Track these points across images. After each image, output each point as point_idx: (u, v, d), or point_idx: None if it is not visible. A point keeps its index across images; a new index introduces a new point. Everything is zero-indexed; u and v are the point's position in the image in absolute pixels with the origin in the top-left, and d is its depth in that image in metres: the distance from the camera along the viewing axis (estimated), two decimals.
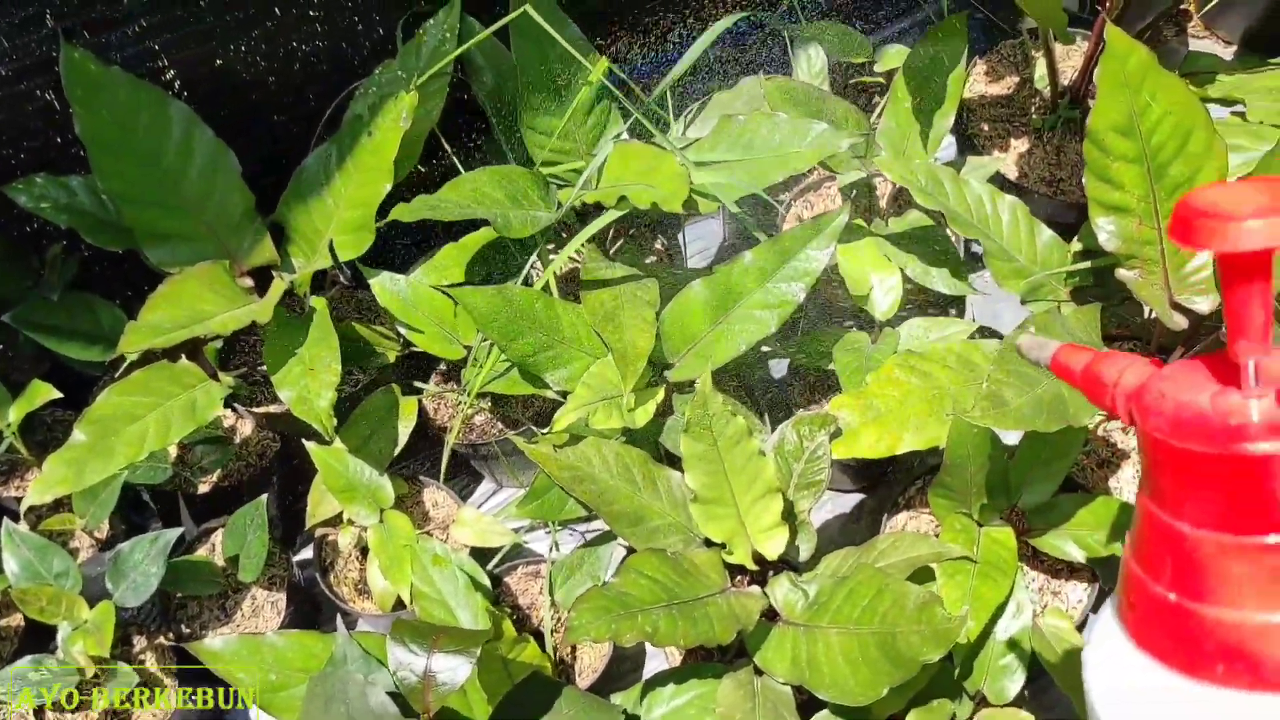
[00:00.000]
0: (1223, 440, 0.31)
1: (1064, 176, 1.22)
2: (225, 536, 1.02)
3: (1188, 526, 0.33)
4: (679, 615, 0.79)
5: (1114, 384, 0.36)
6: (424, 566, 0.92)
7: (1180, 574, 0.33)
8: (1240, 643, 0.32)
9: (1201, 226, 0.30)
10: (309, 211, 1.06)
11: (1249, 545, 0.32)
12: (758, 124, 1.02)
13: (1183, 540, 0.33)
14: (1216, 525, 0.32)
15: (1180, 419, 0.33)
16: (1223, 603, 0.32)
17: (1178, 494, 0.33)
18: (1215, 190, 0.31)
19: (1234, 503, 0.32)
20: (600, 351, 0.99)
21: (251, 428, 1.16)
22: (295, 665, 0.79)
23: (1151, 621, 0.34)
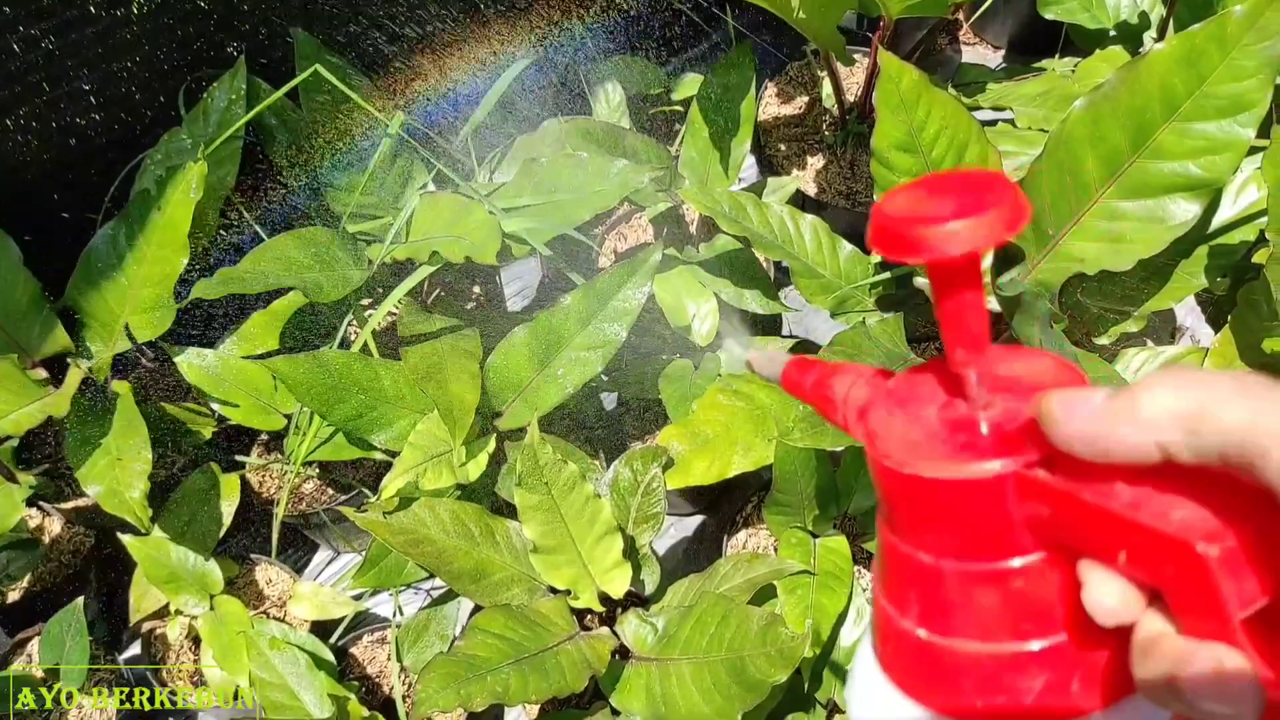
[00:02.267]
0: (951, 461, 0.28)
1: (860, 189, 1.27)
2: (42, 646, 0.96)
3: (927, 556, 0.30)
4: (529, 670, 0.79)
5: (844, 400, 0.33)
6: (261, 651, 0.88)
7: (926, 607, 0.30)
8: (997, 676, 0.29)
9: (902, 236, 0.27)
10: (102, 294, 1.01)
11: (992, 571, 0.29)
12: (560, 166, 1.03)
13: (924, 571, 0.30)
14: (956, 553, 0.29)
15: (908, 440, 0.30)
16: (973, 635, 0.29)
17: (913, 521, 0.30)
18: (906, 194, 0.28)
19: (971, 527, 0.29)
20: (426, 406, 0.98)
21: (61, 525, 1.10)
22: None
23: (904, 658, 0.31)
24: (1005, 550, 0.29)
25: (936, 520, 0.29)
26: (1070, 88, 1.06)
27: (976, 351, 0.30)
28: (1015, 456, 0.28)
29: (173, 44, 1.07)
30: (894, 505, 0.30)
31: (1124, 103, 0.85)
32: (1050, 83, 1.10)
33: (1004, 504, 0.28)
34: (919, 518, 0.30)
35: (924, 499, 0.29)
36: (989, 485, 0.28)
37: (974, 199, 0.27)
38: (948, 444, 0.29)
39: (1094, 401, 0.27)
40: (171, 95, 1.08)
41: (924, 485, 0.29)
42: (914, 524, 0.30)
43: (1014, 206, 0.27)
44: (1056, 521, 0.28)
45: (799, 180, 1.24)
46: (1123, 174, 0.88)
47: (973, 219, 0.26)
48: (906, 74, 0.88)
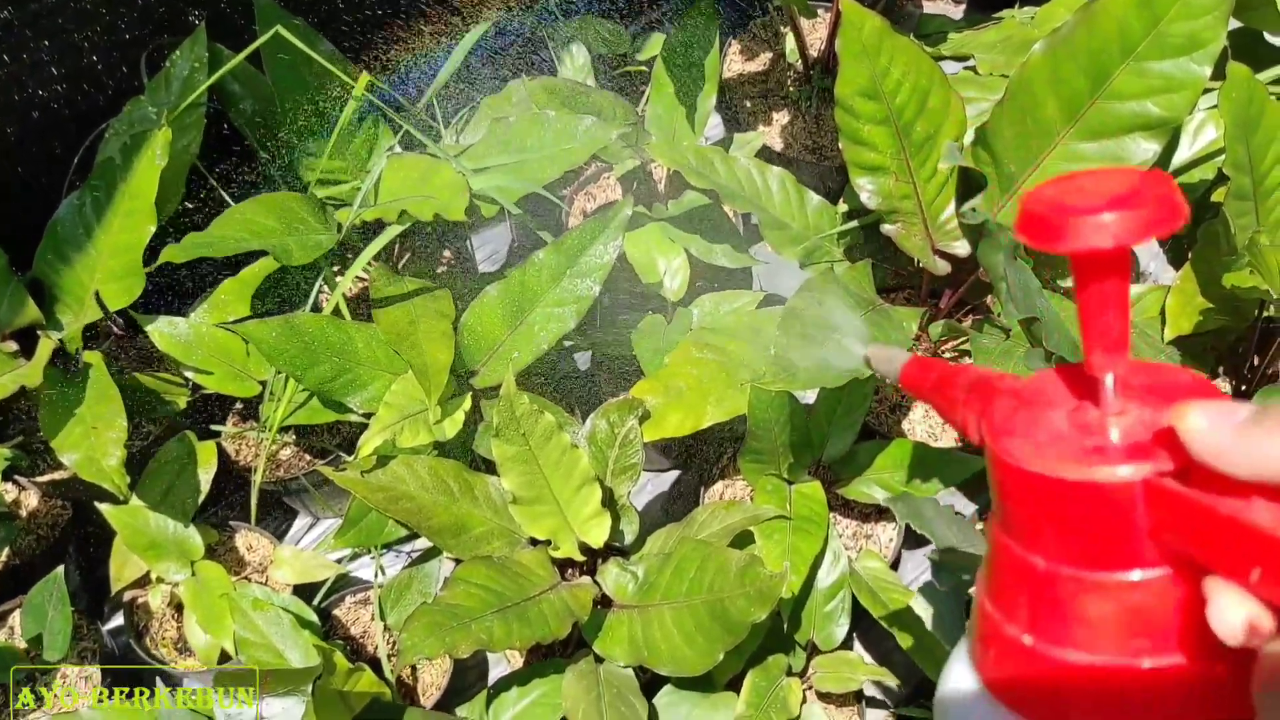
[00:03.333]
0: (1078, 463, 0.28)
1: (825, 143, 1.28)
2: (24, 618, 0.96)
3: (1042, 560, 0.29)
4: (513, 618, 0.80)
5: (964, 399, 0.32)
6: (245, 613, 0.89)
7: (1036, 614, 0.29)
8: (1100, 692, 0.28)
9: (1050, 222, 0.26)
10: (70, 264, 1.00)
11: (1110, 582, 0.28)
12: (528, 125, 1.03)
13: (1038, 576, 0.29)
14: (1074, 560, 0.28)
15: (1034, 439, 0.29)
16: (1081, 646, 0.28)
17: (1032, 524, 0.29)
18: (1063, 183, 0.28)
19: (1093, 534, 0.28)
20: (400, 368, 0.98)
21: (37, 499, 1.09)
22: None
23: (1006, 666, 0.30)
24: (1128, 561, 0.28)
25: (1057, 524, 0.28)
26: (1030, 33, 1.08)
27: (1116, 354, 0.29)
28: (1148, 463, 0.27)
29: (134, 12, 1.06)
30: (1012, 506, 0.30)
31: (1082, 44, 0.86)
32: (1010, 29, 1.11)
33: (1131, 512, 0.27)
34: (1038, 520, 0.29)
35: (1046, 500, 0.28)
36: (1117, 490, 0.27)
37: (1129, 193, 0.27)
38: (1076, 446, 0.28)
39: (1239, 415, 0.26)
40: (134, 65, 1.07)
41: (1048, 485, 0.28)
42: (1032, 526, 0.29)
43: (1170, 204, 0.26)
44: (1186, 535, 0.27)
45: (764, 135, 1.25)
46: (1083, 116, 0.89)
47: (1126, 212, 0.26)
48: (868, 21, 0.89)
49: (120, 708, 0.76)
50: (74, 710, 0.76)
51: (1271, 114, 0.89)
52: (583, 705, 0.83)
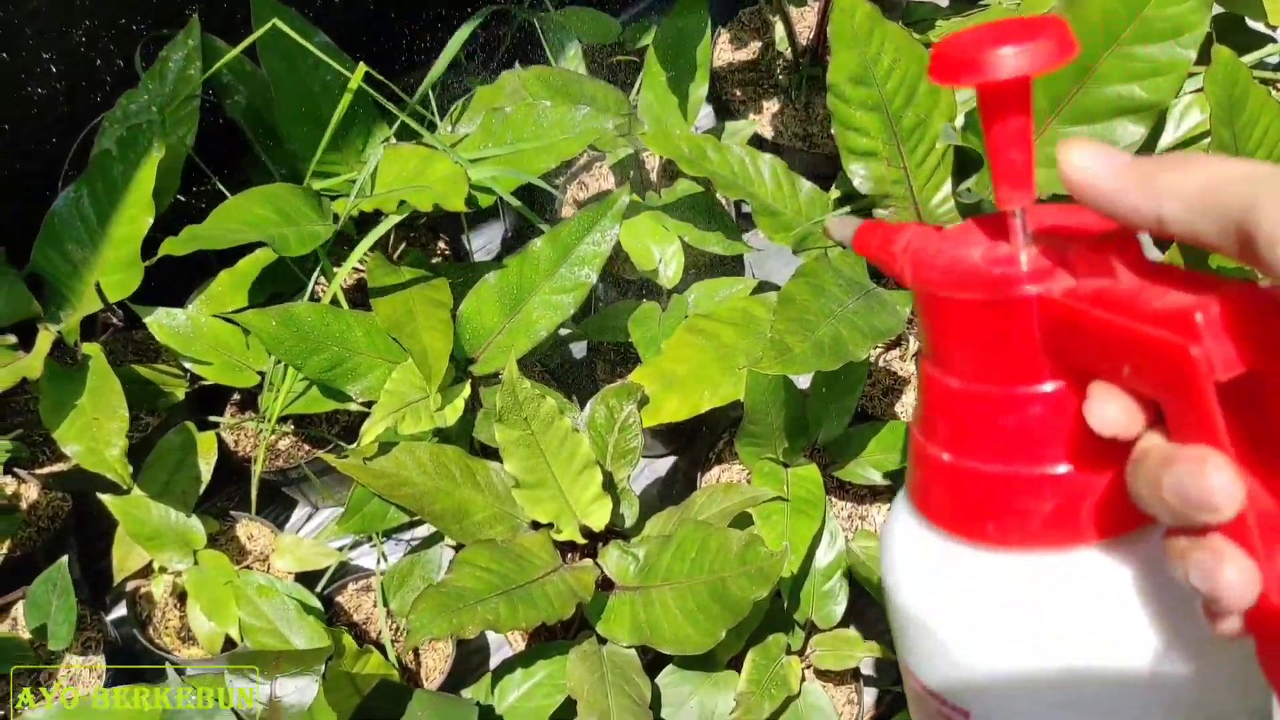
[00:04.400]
0: (982, 287, 0.31)
1: (815, 131, 1.30)
2: (27, 608, 0.96)
3: (958, 381, 0.32)
4: (518, 600, 0.81)
5: (901, 250, 0.35)
6: (250, 600, 0.90)
7: (953, 431, 0.32)
8: (1009, 499, 0.31)
9: (957, 60, 0.29)
10: (68, 257, 1.00)
11: (1014, 395, 0.31)
12: (523, 116, 1.04)
13: (955, 396, 0.32)
14: (983, 377, 0.31)
15: (950, 271, 0.32)
16: (992, 458, 0.31)
17: (950, 349, 0.32)
18: (973, 30, 0.30)
19: (1002, 353, 0.31)
20: (399, 356, 0.99)
21: (38, 491, 1.10)
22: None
23: (929, 486, 0.34)
24: (1028, 375, 0.31)
25: (969, 344, 0.32)
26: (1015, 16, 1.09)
27: (1022, 189, 0.32)
28: (1043, 283, 0.30)
29: (129, 6, 1.06)
30: (932, 334, 0.33)
31: None
32: (996, 15, 1.12)
33: (1029, 328, 0.30)
34: (953, 343, 0.32)
35: (957, 323, 0.32)
36: (1016, 307, 0.30)
37: (1026, 32, 0.29)
38: (985, 273, 0.31)
39: (1116, 158, 0.29)
40: (129, 58, 1.08)
41: (958, 308, 0.31)
42: (948, 350, 0.32)
43: (1062, 38, 0.29)
44: (1074, 343, 0.30)
45: (755, 124, 1.26)
46: (1069, 101, 0.90)
47: (1024, 44, 0.29)
48: (860, 7, 0.90)
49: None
50: (85, 697, 0.77)
51: (1255, 97, 0.90)
52: (587, 685, 0.84)
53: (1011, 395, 0.31)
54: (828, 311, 0.86)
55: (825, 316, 0.86)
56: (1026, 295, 0.30)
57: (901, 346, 1.16)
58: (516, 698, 0.87)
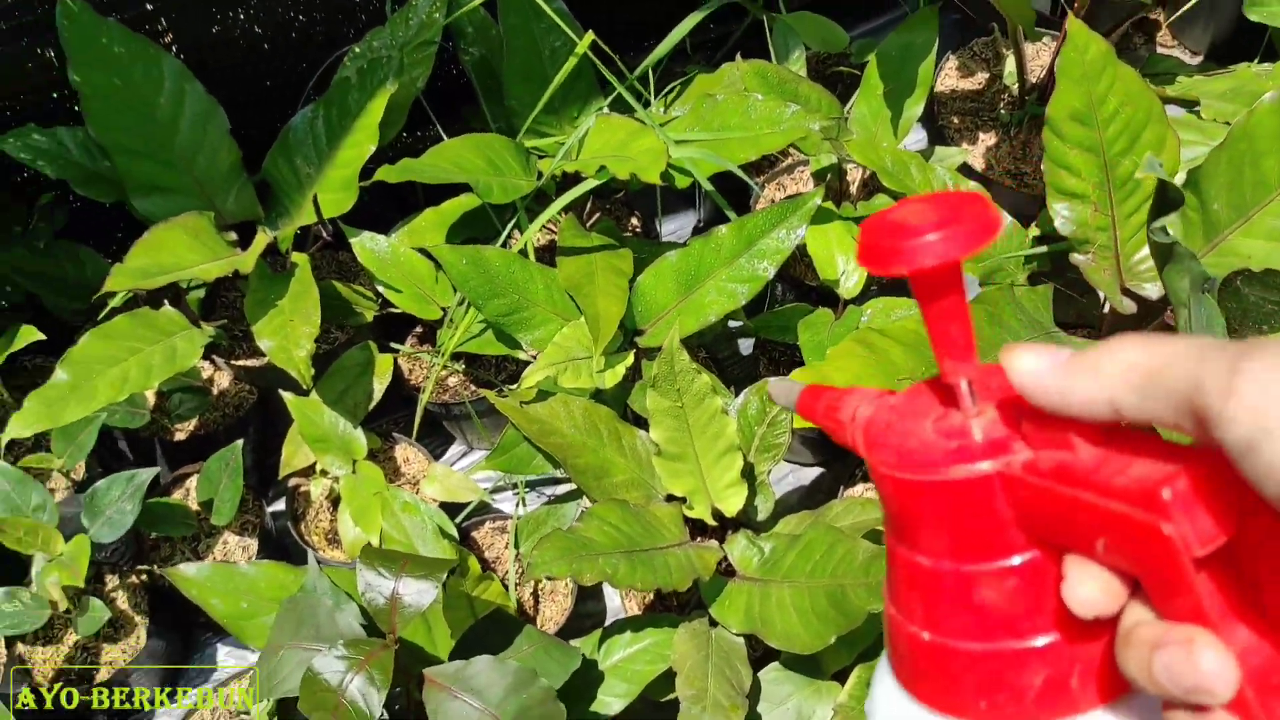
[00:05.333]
0: (938, 466, 0.30)
1: (1028, 171, 1.26)
2: (200, 481, 1.05)
3: (927, 560, 0.31)
4: (638, 561, 0.83)
5: (850, 420, 0.34)
6: (395, 513, 0.95)
7: (930, 610, 0.31)
8: (998, 675, 0.30)
9: (884, 248, 0.29)
10: (294, 169, 1.08)
11: (987, 571, 0.30)
12: (734, 105, 1.06)
13: (925, 574, 0.31)
14: (952, 555, 0.30)
15: (903, 449, 0.31)
16: (972, 635, 0.30)
17: (912, 528, 0.31)
18: (895, 211, 0.30)
19: (967, 530, 0.30)
20: (572, 315, 1.02)
21: (229, 380, 1.19)
22: (266, 595, 0.82)
23: (913, 664, 0.32)
24: (998, 550, 0.30)
25: (933, 523, 0.31)
26: (1263, 84, 1.04)
27: (963, 360, 0.31)
28: (1001, 457, 0.30)
29: None
30: (895, 512, 0.32)
31: None
32: (1243, 79, 1.07)
33: (993, 503, 0.30)
34: (917, 522, 0.31)
35: (920, 503, 0.31)
36: (977, 485, 0.30)
37: (949, 213, 0.29)
38: (940, 449, 0.30)
39: (1060, 355, 0.29)
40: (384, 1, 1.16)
41: (919, 489, 0.30)
42: (913, 529, 0.31)
43: (984, 219, 0.29)
44: (1043, 518, 0.29)
45: (967, 153, 1.24)
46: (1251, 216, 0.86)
47: (946, 230, 0.28)
48: (1094, 43, 0.88)
49: (275, 567, 0.83)
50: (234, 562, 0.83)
51: None
52: (690, 661, 0.85)
53: (984, 572, 0.30)
54: (1001, 344, 0.85)
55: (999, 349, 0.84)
56: (985, 474, 0.30)
57: None
58: (621, 658, 0.88)
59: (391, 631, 0.68)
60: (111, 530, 0.97)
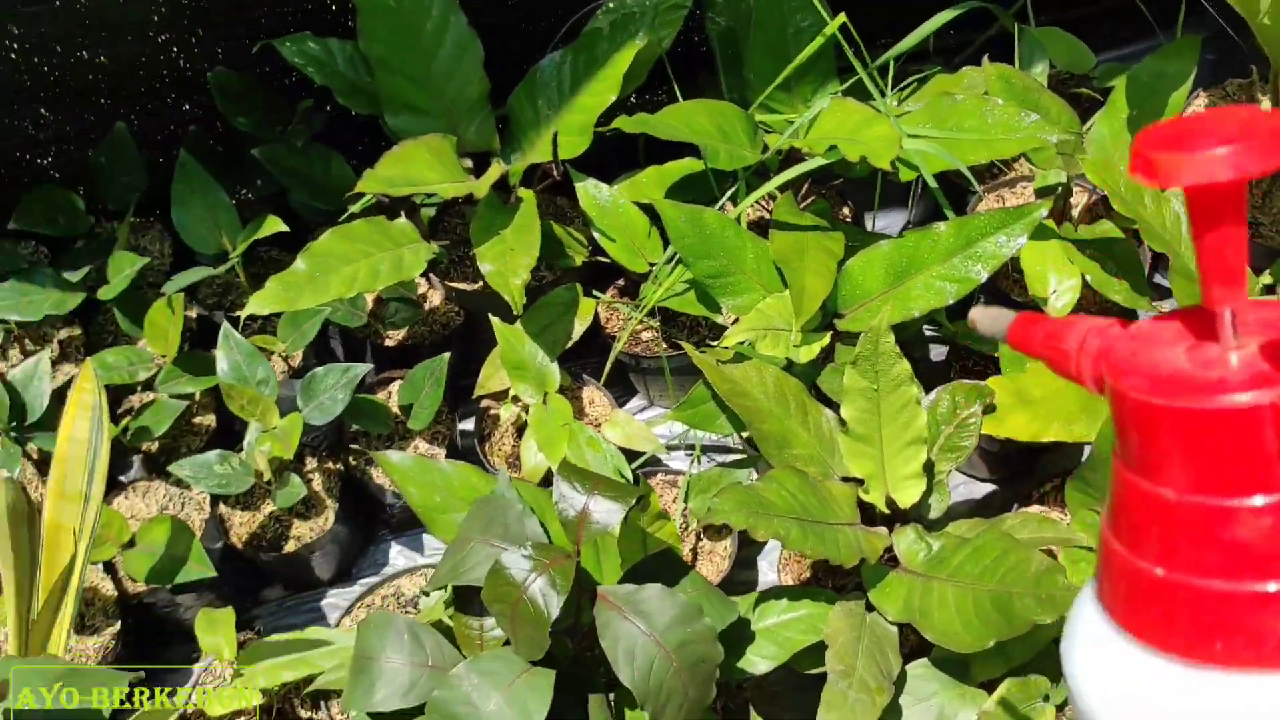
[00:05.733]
0: (1203, 394, 0.28)
1: (1265, 222, 1.21)
2: (403, 386, 1.12)
3: (1172, 493, 0.29)
4: (810, 530, 0.84)
5: (1078, 348, 0.32)
6: (580, 445, 0.99)
7: (1167, 545, 0.30)
8: (1239, 617, 0.29)
9: (1165, 160, 0.27)
10: (535, 109, 1.14)
11: (1239, 508, 0.28)
12: (972, 106, 1.06)
13: (1168, 508, 0.29)
14: (1203, 489, 0.29)
15: (1157, 375, 0.29)
16: (1216, 574, 0.29)
17: (1159, 459, 0.30)
18: (1177, 123, 0.29)
19: (1220, 463, 0.28)
20: (775, 288, 1.04)
21: (441, 299, 1.26)
22: (459, 493, 0.87)
23: (1138, 602, 0.31)
24: (1261, 486, 0.28)
25: (1186, 455, 0.29)
26: None
27: (1234, 287, 0.30)
28: (1271, 389, 0.28)
29: None
30: (1139, 442, 0.30)
31: None
32: None
33: (1260, 437, 0.28)
34: (1166, 453, 0.29)
35: (1174, 433, 0.29)
36: (1244, 417, 0.28)
37: (1240, 129, 0.27)
38: (1199, 377, 0.29)
39: None
40: None
41: (1175, 417, 0.29)
42: (1160, 460, 0.30)
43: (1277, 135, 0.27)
44: None
45: None
46: None
47: (1238, 144, 0.27)
48: None
49: (470, 470, 0.88)
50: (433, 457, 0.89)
51: None
52: (843, 637, 0.86)
53: (1239, 508, 0.29)
54: None
55: None
56: (1255, 405, 0.28)
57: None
58: (774, 623, 0.90)
59: (576, 544, 0.72)
60: (322, 414, 1.04)
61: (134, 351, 1.11)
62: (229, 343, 1.04)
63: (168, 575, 0.97)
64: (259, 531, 1.09)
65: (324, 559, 1.11)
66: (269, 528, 1.09)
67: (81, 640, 1.02)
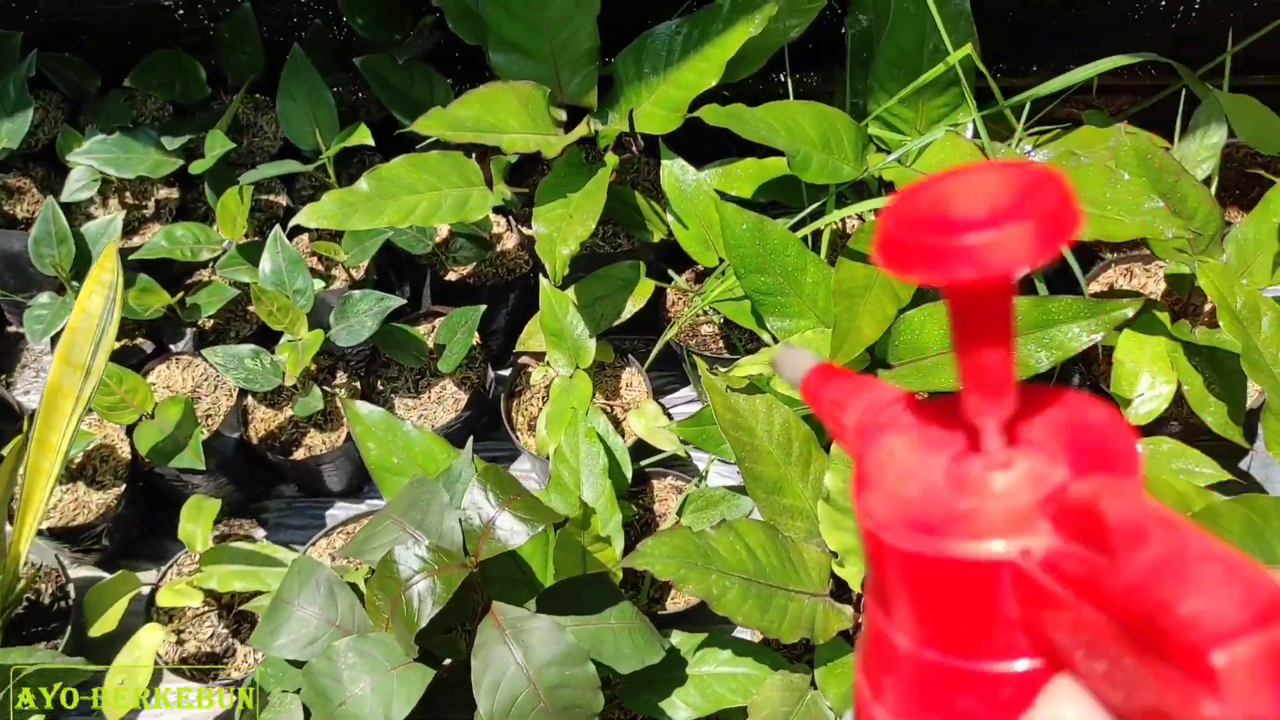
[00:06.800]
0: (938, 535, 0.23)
1: None
2: (442, 325, 1.11)
3: (905, 640, 0.25)
4: (753, 595, 0.79)
5: (855, 429, 0.27)
6: (575, 433, 0.96)
7: (900, 697, 0.25)
8: None
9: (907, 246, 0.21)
10: (640, 75, 1.08)
11: (977, 673, 0.24)
12: (1095, 175, 0.94)
13: (900, 656, 0.25)
14: (938, 644, 0.24)
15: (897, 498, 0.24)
16: None
17: (894, 598, 0.25)
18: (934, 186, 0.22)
19: (959, 617, 0.23)
20: (828, 320, 0.97)
21: (515, 243, 1.24)
22: (418, 460, 0.86)
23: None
24: (998, 651, 0.23)
25: (919, 601, 0.24)
26: None
27: (996, 400, 0.23)
28: (1020, 538, 0.22)
29: None
30: (876, 575, 0.25)
31: None
32: None
33: (998, 595, 0.23)
34: (900, 595, 0.24)
35: (906, 574, 0.24)
36: (981, 570, 0.23)
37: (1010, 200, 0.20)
38: (946, 508, 0.23)
39: None
40: None
41: (905, 557, 0.24)
42: (895, 601, 0.25)
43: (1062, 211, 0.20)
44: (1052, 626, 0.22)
45: None
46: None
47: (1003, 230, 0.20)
48: None
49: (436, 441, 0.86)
50: (403, 420, 0.87)
51: None
52: (768, 710, 0.81)
53: (974, 672, 0.24)
54: None
55: None
56: (992, 558, 0.22)
57: None
58: (709, 672, 0.86)
59: (475, 555, 0.70)
60: (349, 336, 1.04)
61: (204, 230, 1.14)
62: (276, 245, 1.05)
63: (166, 456, 1.01)
64: (275, 432, 1.11)
65: (334, 472, 1.13)
66: (285, 430, 1.12)
67: (89, 493, 1.07)
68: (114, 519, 1.07)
